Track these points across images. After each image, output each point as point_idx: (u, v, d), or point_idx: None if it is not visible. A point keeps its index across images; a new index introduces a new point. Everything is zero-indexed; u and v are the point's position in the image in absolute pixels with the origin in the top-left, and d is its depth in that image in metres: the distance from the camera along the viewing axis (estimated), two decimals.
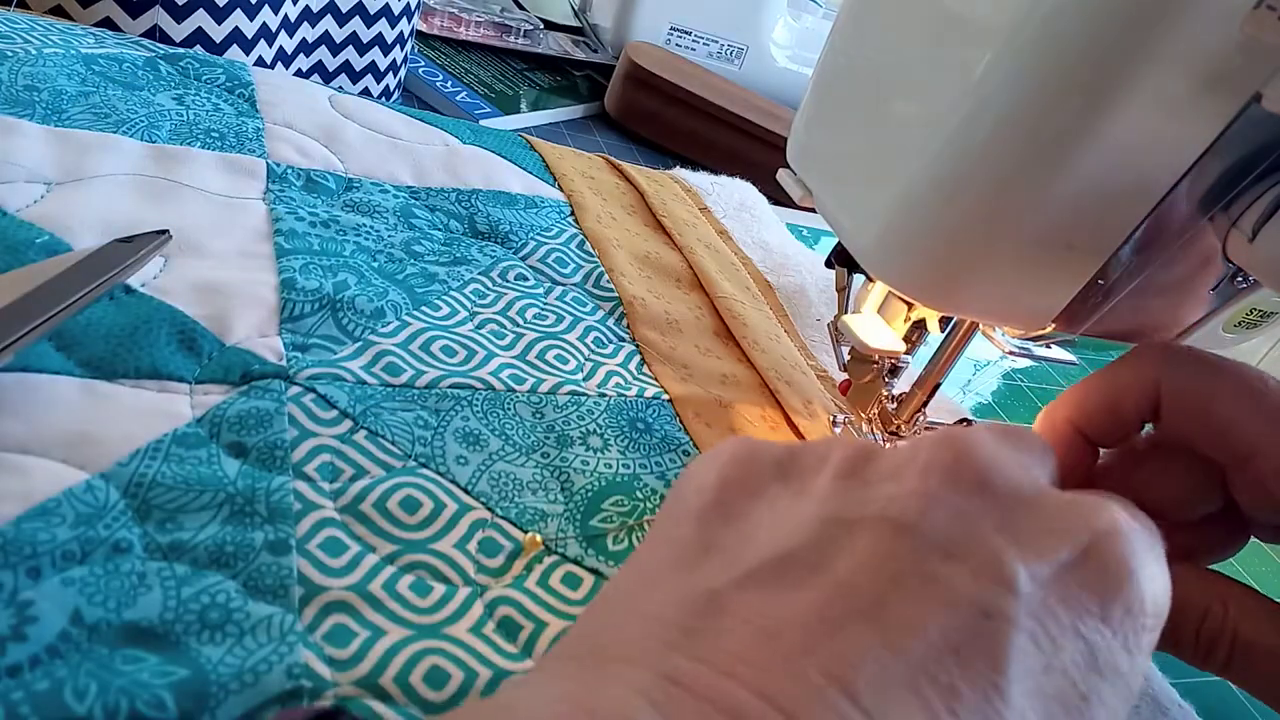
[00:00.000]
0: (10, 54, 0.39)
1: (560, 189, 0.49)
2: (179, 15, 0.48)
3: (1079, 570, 0.17)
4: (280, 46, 0.55)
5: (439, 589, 0.26)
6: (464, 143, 0.49)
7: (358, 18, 0.59)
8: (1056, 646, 0.16)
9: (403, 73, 0.65)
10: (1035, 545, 0.17)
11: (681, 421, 0.36)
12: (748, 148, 0.74)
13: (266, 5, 0.52)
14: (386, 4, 0.60)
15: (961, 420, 0.36)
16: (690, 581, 0.17)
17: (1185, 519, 0.25)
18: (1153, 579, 0.17)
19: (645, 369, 0.38)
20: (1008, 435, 0.20)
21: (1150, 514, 0.21)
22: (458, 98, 0.69)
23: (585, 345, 0.38)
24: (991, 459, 0.18)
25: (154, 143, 0.38)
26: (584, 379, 0.36)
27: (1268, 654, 0.22)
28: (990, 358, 0.56)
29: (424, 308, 0.36)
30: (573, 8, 0.96)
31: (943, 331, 0.35)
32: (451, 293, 0.37)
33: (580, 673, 0.16)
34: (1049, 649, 0.16)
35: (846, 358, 0.38)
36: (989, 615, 0.15)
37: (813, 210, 0.34)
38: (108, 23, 0.47)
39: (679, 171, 0.57)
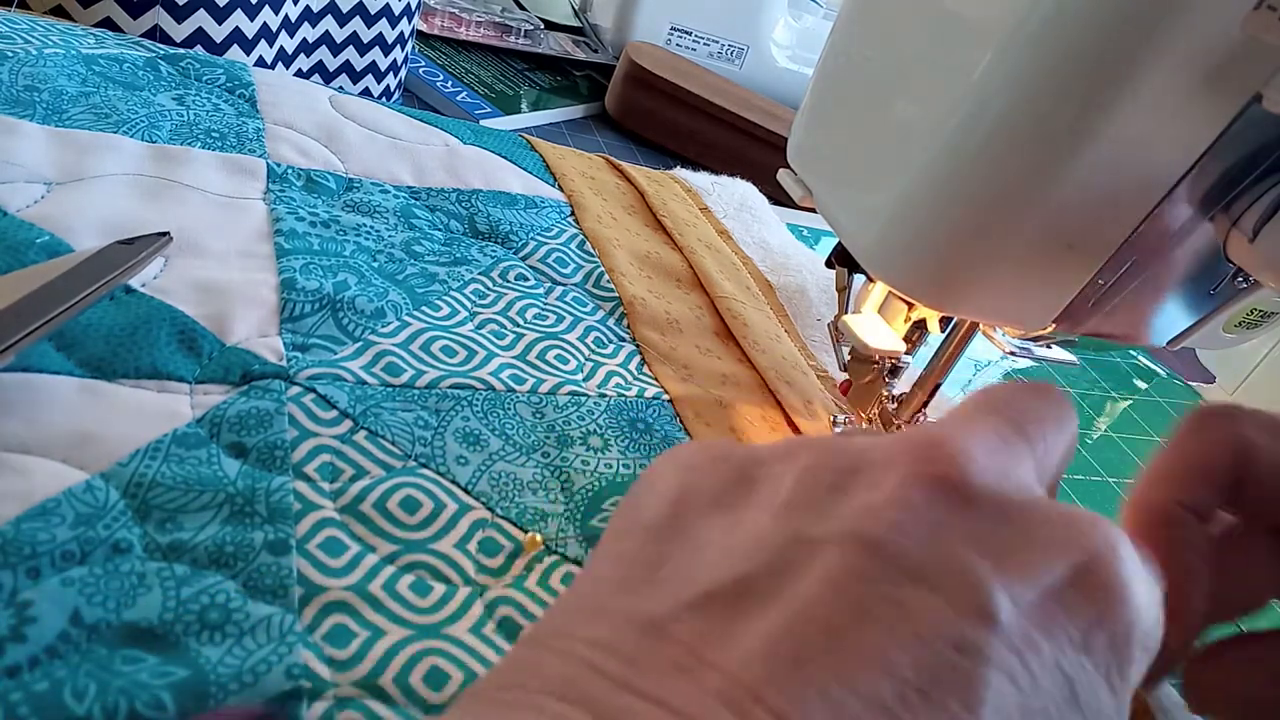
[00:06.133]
0: (10, 54, 0.39)
1: (560, 189, 0.49)
2: (179, 15, 0.48)
3: (1066, 593, 0.15)
4: (281, 47, 0.55)
5: (439, 589, 0.26)
6: (464, 143, 0.49)
7: (358, 18, 0.59)
8: (1036, 684, 0.14)
9: (403, 73, 0.65)
10: (1020, 564, 0.15)
11: (682, 422, 0.36)
12: (748, 148, 0.74)
13: (267, 5, 0.52)
14: (387, 4, 0.60)
15: None
16: (632, 605, 0.16)
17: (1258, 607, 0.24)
18: (1146, 609, 0.16)
19: (645, 369, 0.38)
20: (996, 430, 0.18)
21: (1231, 607, 0.20)
22: (458, 98, 0.69)
23: (585, 345, 0.38)
24: (979, 469, 0.17)
25: (154, 143, 0.38)
26: (584, 379, 0.36)
27: None
28: (990, 358, 0.56)
29: (424, 308, 0.36)
30: (573, 8, 0.96)
31: (943, 331, 0.35)
32: (452, 293, 0.37)
33: (490, 711, 0.14)
34: (1028, 687, 0.14)
35: (847, 358, 0.38)
36: (963, 651, 0.14)
37: (813, 210, 0.34)
38: (108, 23, 0.47)
39: (679, 171, 0.57)
